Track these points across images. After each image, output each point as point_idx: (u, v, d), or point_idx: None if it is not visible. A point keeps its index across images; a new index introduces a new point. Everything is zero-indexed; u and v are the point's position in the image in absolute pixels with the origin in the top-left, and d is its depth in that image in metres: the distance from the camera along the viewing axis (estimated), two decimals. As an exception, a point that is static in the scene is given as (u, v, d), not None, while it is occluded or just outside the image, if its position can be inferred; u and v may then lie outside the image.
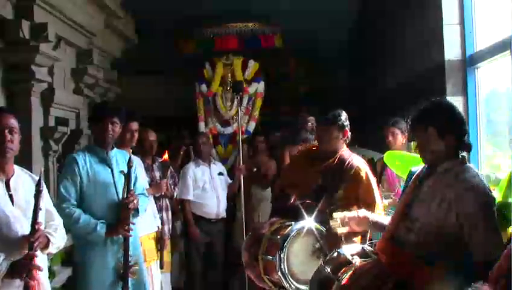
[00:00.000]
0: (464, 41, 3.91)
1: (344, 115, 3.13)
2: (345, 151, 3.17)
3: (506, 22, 3.36)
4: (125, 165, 3.09)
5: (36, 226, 2.10)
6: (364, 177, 3.05)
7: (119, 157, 3.19)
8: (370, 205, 2.98)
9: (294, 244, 2.78)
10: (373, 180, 3.11)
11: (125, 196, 2.98)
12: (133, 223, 3.04)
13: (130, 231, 2.98)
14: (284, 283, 2.72)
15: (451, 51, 3.94)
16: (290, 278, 2.72)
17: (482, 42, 3.81)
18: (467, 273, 1.93)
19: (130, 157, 3.03)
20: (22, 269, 2.02)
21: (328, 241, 2.76)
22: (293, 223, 2.84)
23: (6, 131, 2.18)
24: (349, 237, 2.69)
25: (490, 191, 2.11)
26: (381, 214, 3.01)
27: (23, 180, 2.30)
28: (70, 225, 2.85)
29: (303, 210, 2.87)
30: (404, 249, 2.18)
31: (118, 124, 3.13)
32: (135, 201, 3.03)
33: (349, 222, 2.57)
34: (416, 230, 2.17)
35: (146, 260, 3.68)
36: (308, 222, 2.82)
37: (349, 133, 3.17)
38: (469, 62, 3.88)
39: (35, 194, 2.14)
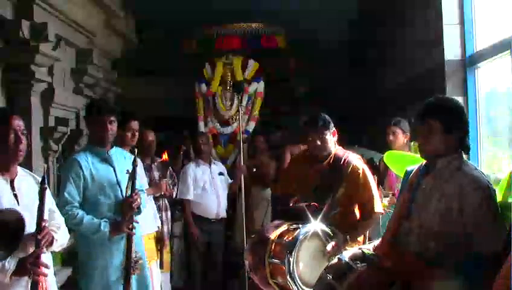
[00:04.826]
0: (463, 42, 3.91)
1: (328, 117, 3.18)
2: (338, 151, 3.21)
3: (506, 22, 3.37)
4: (125, 163, 3.11)
5: (42, 224, 2.11)
6: (361, 174, 3.12)
7: (119, 155, 3.19)
8: (369, 201, 3.11)
9: (301, 248, 2.76)
10: (370, 176, 3.17)
11: (129, 194, 2.99)
12: (137, 222, 3.05)
13: (134, 229, 2.99)
14: (292, 287, 2.69)
15: (451, 51, 3.94)
16: (299, 282, 2.69)
17: (482, 42, 3.82)
18: (469, 273, 1.93)
19: (135, 156, 3.03)
20: (30, 266, 2.03)
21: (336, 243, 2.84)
22: (300, 226, 2.83)
23: (20, 133, 2.20)
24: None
25: (490, 183, 2.12)
26: (380, 207, 3.15)
27: (26, 180, 2.31)
28: (74, 226, 2.87)
29: (308, 213, 2.87)
30: (406, 250, 2.17)
31: (115, 122, 3.12)
32: (139, 199, 3.03)
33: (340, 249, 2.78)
34: (416, 230, 2.17)
35: (147, 260, 3.68)
36: (315, 225, 2.83)
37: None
38: (469, 62, 3.88)
39: (39, 192, 2.15)
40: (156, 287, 3.92)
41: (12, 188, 2.21)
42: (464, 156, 2.27)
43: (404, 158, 3.56)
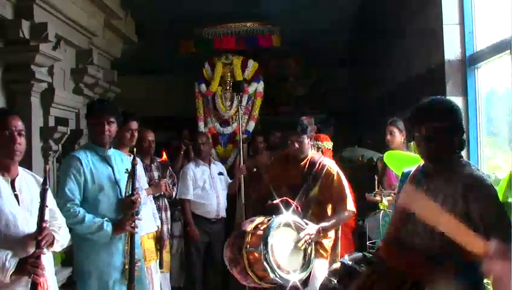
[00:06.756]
0: (463, 42, 3.90)
1: (306, 123, 3.61)
2: (315, 154, 3.59)
3: (506, 22, 3.36)
4: (124, 165, 3.11)
5: (43, 225, 2.12)
6: (335, 176, 3.45)
7: (117, 157, 3.19)
8: (342, 200, 3.44)
9: (276, 237, 3.00)
10: (343, 179, 3.50)
11: (130, 193, 2.99)
12: (140, 219, 3.06)
13: (136, 227, 2.99)
14: (269, 272, 2.89)
15: (451, 51, 3.93)
16: (275, 267, 2.90)
17: (482, 42, 3.81)
18: (475, 271, 1.92)
19: (134, 156, 3.04)
20: (30, 266, 2.04)
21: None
22: (273, 216, 3.10)
23: (16, 133, 2.20)
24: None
25: (491, 182, 2.13)
26: (352, 206, 3.49)
27: (27, 180, 2.32)
28: (75, 224, 2.84)
29: (281, 206, 3.19)
30: (411, 251, 2.16)
31: (115, 123, 3.11)
32: (139, 198, 3.03)
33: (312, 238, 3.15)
34: (421, 232, 2.15)
35: (146, 260, 3.68)
36: (287, 216, 3.13)
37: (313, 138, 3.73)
38: (469, 62, 3.88)
39: (41, 192, 2.16)
40: (156, 287, 3.92)
41: (13, 188, 2.22)
42: (464, 155, 2.27)
43: (404, 158, 3.56)
